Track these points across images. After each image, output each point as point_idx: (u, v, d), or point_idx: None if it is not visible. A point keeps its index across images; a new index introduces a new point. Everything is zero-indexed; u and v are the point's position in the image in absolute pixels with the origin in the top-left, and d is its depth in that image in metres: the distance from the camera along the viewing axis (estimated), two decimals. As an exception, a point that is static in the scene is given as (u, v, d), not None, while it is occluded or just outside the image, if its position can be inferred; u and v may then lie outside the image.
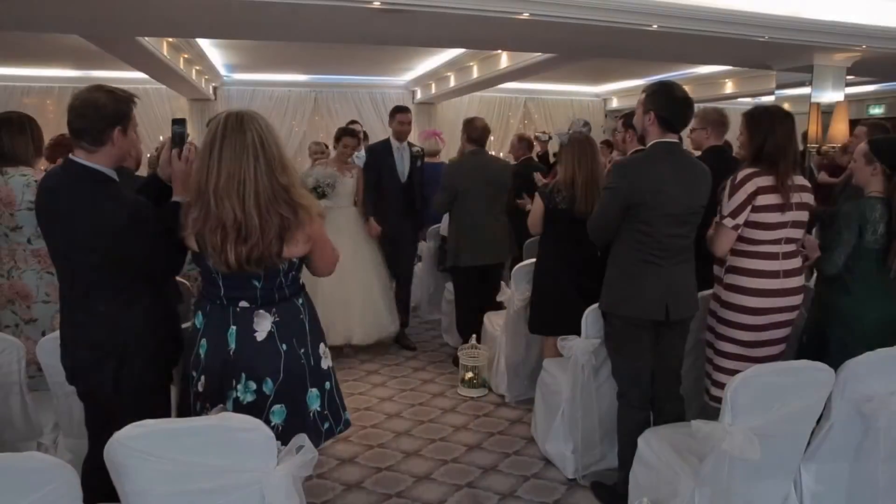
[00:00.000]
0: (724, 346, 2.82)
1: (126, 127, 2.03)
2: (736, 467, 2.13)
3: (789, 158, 2.73)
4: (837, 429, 2.30)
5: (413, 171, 4.87)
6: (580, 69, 8.47)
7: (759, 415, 2.08)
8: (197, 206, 1.93)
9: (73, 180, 2.02)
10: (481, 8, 3.88)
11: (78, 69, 9.24)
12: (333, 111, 11.17)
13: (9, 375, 2.43)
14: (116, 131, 2.00)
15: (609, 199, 2.69)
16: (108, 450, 1.59)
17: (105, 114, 1.98)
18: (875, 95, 10.07)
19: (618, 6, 4.05)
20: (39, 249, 3.06)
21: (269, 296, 2.02)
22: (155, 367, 2.14)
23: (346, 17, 4.40)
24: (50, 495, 1.48)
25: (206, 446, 1.63)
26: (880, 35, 4.73)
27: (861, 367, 2.22)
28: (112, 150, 2.02)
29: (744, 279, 2.75)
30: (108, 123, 1.98)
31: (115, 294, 2.05)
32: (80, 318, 2.08)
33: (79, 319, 2.09)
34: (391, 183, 4.81)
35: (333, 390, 2.17)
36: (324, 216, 2.20)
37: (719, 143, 3.69)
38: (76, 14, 4.17)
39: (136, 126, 2.15)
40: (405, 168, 4.85)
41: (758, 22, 4.35)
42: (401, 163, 4.84)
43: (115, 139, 2.01)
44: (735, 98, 10.18)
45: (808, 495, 2.38)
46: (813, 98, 5.59)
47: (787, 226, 2.74)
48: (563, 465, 3.16)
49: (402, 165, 4.85)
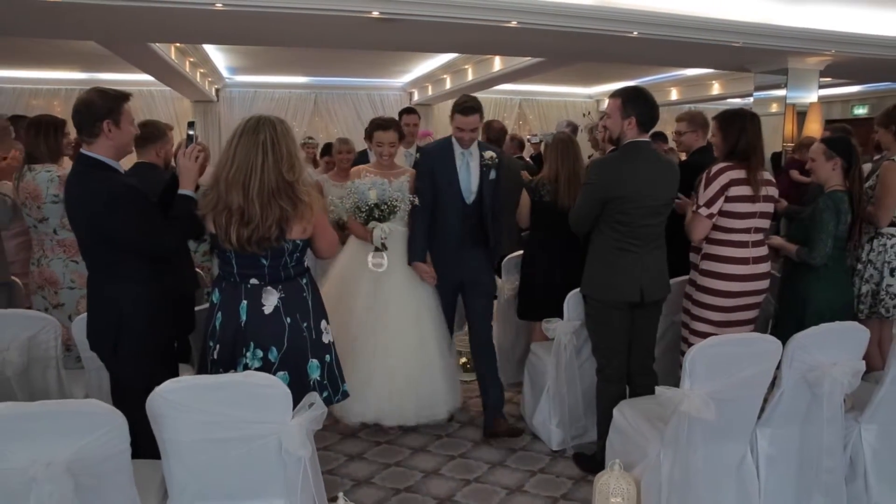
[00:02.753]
0: (698, 326, 3.11)
1: (117, 120, 2.30)
2: (695, 428, 2.41)
3: (759, 154, 3.06)
4: (787, 396, 2.56)
5: (483, 187, 3.43)
6: (573, 71, 8.74)
7: (714, 380, 2.35)
8: (212, 191, 2.24)
9: (75, 169, 2.39)
10: (473, 17, 4.15)
11: (85, 72, 9.51)
12: (333, 112, 11.46)
13: (46, 351, 2.68)
14: (106, 124, 2.28)
15: (588, 193, 2.96)
16: (150, 402, 1.86)
17: (95, 109, 2.28)
18: (859, 96, 10.38)
19: (599, 14, 4.33)
20: (65, 240, 3.35)
21: (276, 274, 2.30)
22: (150, 340, 2.36)
23: (347, 26, 4.65)
24: (103, 437, 1.75)
25: (232, 400, 1.90)
26: (848, 41, 5.03)
27: (806, 339, 2.49)
28: (107, 141, 2.31)
29: (717, 265, 3.05)
30: (97, 118, 2.27)
31: (108, 271, 2.36)
32: (90, 294, 2.44)
33: (90, 295, 2.44)
34: (451, 202, 3.40)
35: (333, 363, 2.43)
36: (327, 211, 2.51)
37: (705, 144, 3.97)
38: (96, 23, 4.43)
39: (133, 121, 2.42)
40: (472, 182, 3.43)
41: (732, 28, 4.64)
42: (466, 176, 3.41)
43: (106, 131, 2.29)
44: (723, 99, 10.48)
45: (762, 457, 2.64)
46: (788, 99, 5.89)
47: (756, 216, 3.04)
48: (548, 438, 3.44)
49: (469, 179, 3.42)
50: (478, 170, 3.42)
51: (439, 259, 3.45)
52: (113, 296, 2.35)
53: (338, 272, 3.55)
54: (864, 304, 3.42)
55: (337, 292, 3.42)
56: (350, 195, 3.37)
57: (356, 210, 3.35)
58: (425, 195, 3.38)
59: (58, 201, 3.25)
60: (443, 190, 3.38)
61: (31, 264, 3.42)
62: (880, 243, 3.40)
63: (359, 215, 3.35)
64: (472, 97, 3.41)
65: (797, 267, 3.12)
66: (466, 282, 3.50)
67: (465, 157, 3.42)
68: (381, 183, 3.35)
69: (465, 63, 8.61)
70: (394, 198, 3.33)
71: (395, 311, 3.41)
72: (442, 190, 3.38)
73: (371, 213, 3.32)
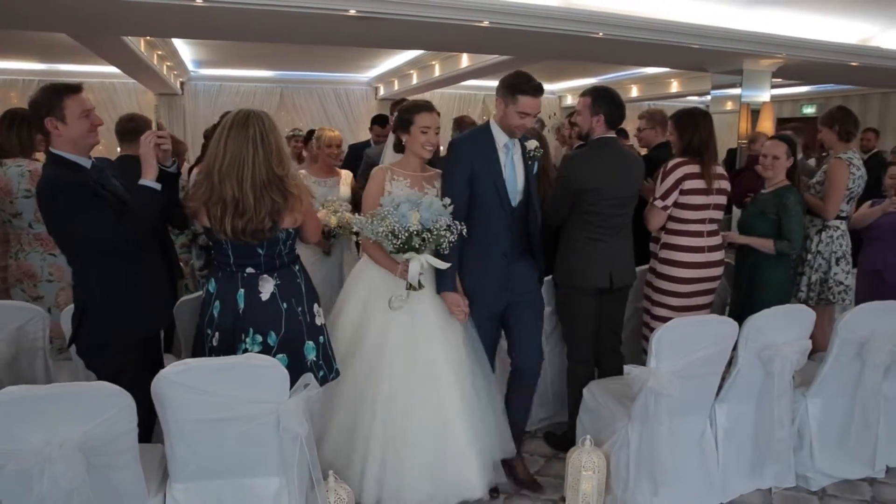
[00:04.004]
0: (659, 311, 3.32)
1: (61, 116, 2.23)
2: (660, 405, 2.60)
3: (711, 149, 3.29)
4: (743, 373, 2.79)
5: (529, 184, 2.82)
6: (538, 68, 8.86)
7: (678, 359, 2.56)
8: (205, 183, 2.29)
9: (44, 165, 2.40)
10: (447, 17, 4.29)
11: (44, 62, 9.29)
12: (299, 106, 11.44)
13: (34, 342, 2.72)
14: (48, 121, 2.24)
15: (560, 188, 3.13)
16: (155, 384, 1.96)
17: (37, 108, 2.25)
18: (808, 96, 10.88)
19: (568, 16, 4.53)
20: (41, 233, 3.36)
21: (271, 262, 2.39)
22: (116, 334, 2.33)
23: (324, 23, 4.72)
24: (112, 418, 1.85)
25: (234, 380, 2.01)
26: (797, 45, 5.36)
27: (760, 321, 2.72)
28: (58, 138, 2.26)
29: (675, 253, 3.27)
30: (40, 115, 2.24)
31: (73, 265, 2.39)
32: None
33: None
34: (495, 208, 2.72)
35: (326, 344, 2.54)
36: None
37: (664, 140, 4.20)
38: (72, 15, 4.40)
39: (85, 112, 2.29)
40: (518, 180, 2.78)
41: (691, 31, 4.91)
42: (512, 173, 2.76)
43: (52, 128, 2.25)
44: (681, 97, 10.85)
45: (721, 430, 2.87)
46: (743, 98, 6.21)
47: (710, 208, 3.27)
48: (520, 419, 3.59)
49: (515, 176, 2.77)
50: (522, 164, 2.79)
51: (481, 283, 2.74)
52: (77, 288, 2.40)
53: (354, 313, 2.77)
54: (813, 292, 3.70)
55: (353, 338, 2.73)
56: (382, 217, 2.51)
57: (389, 236, 2.50)
58: (458, 201, 2.64)
59: (30, 196, 3.26)
60: (485, 193, 2.68)
61: (8, 257, 3.43)
62: (828, 235, 3.69)
63: (391, 242, 2.51)
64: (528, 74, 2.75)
65: (750, 254, 3.38)
66: (513, 303, 2.83)
67: (510, 149, 2.76)
68: (430, 203, 2.52)
69: (432, 59, 8.72)
70: (441, 224, 2.47)
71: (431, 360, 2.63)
72: (484, 193, 2.68)
73: (409, 241, 2.49)
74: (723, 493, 2.86)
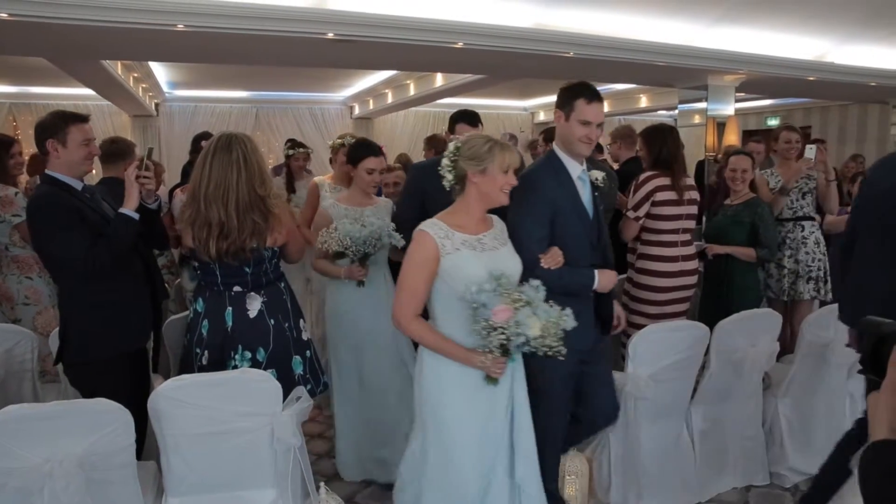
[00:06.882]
0: (635, 319, 3.43)
1: (63, 140, 2.38)
2: (639, 409, 2.72)
3: (680, 162, 3.44)
4: (715, 376, 2.91)
5: (596, 213, 2.55)
6: (511, 86, 9.10)
7: (654, 364, 2.68)
8: (191, 206, 2.36)
9: (38, 184, 2.53)
10: (423, 39, 4.42)
11: (15, 85, 9.23)
12: (274, 126, 11.46)
13: (23, 364, 2.75)
14: (50, 143, 2.37)
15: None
16: (152, 400, 2.01)
17: (43, 129, 2.39)
18: (771, 109, 11.24)
19: (539, 37, 4.69)
20: (18, 256, 3.41)
21: (258, 280, 2.45)
22: (95, 353, 2.36)
23: (303, 47, 4.82)
24: (111, 434, 1.90)
25: (228, 394, 2.07)
26: (759, 61, 5.60)
27: (730, 325, 2.85)
28: (56, 159, 2.40)
29: (650, 263, 3.40)
30: (44, 137, 2.38)
31: (54, 279, 2.52)
32: None
33: None
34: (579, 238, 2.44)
35: (313, 358, 2.61)
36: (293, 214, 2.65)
37: (633, 155, 4.36)
38: (50, 40, 4.42)
39: (87, 141, 2.43)
40: (589, 206, 2.50)
41: (657, 50, 5.11)
42: (589, 198, 2.51)
43: (52, 150, 2.38)
44: (650, 111, 11.14)
45: (696, 431, 2.98)
46: (709, 112, 6.44)
47: (682, 218, 3.41)
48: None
49: (589, 202, 2.51)
50: (589, 187, 2.52)
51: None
52: (60, 305, 2.48)
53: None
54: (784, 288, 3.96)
55: None
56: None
57: None
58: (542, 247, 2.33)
59: (3, 220, 3.32)
60: (567, 223, 2.39)
61: (-12, 279, 3.44)
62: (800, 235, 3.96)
63: None
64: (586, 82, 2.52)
65: (721, 261, 3.54)
66: None
67: (585, 181, 2.48)
68: None
69: (406, 78, 8.84)
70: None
71: None
72: (566, 224, 2.39)
73: None
74: (700, 493, 2.96)
